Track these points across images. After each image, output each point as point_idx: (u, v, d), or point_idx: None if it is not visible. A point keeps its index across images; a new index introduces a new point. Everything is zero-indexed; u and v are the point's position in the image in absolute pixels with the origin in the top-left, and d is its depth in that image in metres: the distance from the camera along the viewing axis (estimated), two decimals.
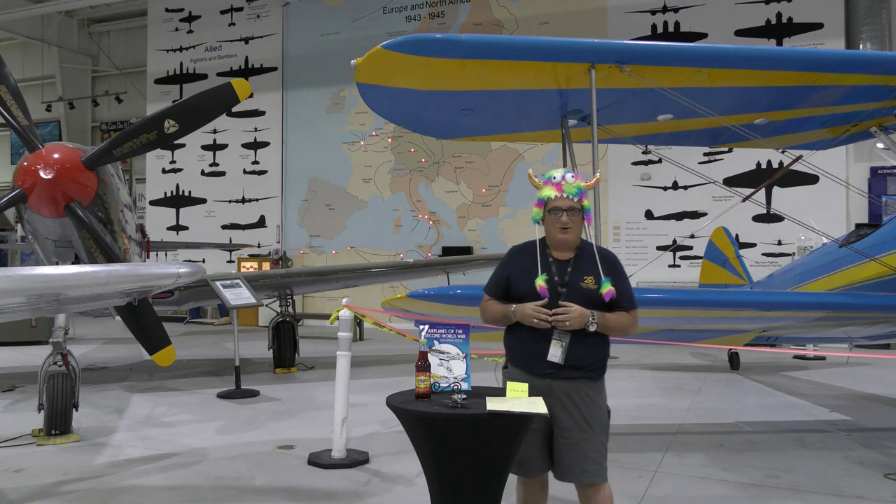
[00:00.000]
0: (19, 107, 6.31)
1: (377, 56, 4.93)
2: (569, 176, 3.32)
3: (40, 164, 6.19)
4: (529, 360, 3.29)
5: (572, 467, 3.26)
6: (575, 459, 3.24)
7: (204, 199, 18.20)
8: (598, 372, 3.31)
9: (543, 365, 3.23)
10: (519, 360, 3.36)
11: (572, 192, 3.28)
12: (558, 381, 3.23)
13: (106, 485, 4.55)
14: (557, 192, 3.30)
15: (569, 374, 3.23)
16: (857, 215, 12.16)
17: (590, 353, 3.27)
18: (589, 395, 3.27)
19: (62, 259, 6.82)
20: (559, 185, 3.30)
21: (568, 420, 3.21)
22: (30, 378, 8.39)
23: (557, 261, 3.34)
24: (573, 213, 3.28)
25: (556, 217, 3.30)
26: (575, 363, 3.22)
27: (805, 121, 6.33)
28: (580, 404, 3.24)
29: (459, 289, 5.26)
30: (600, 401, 3.32)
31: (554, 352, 3.21)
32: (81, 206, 6.36)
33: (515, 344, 3.38)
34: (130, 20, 20.37)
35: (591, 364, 3.28)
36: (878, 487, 4.79)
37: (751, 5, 13.46)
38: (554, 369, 3.22)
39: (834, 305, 5.52)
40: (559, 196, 3.29)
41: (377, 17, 16.27)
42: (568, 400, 3.22)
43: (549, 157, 13.80)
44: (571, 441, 3.24)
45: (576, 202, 3.28)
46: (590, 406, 3.26)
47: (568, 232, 3.29)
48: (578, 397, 3.25)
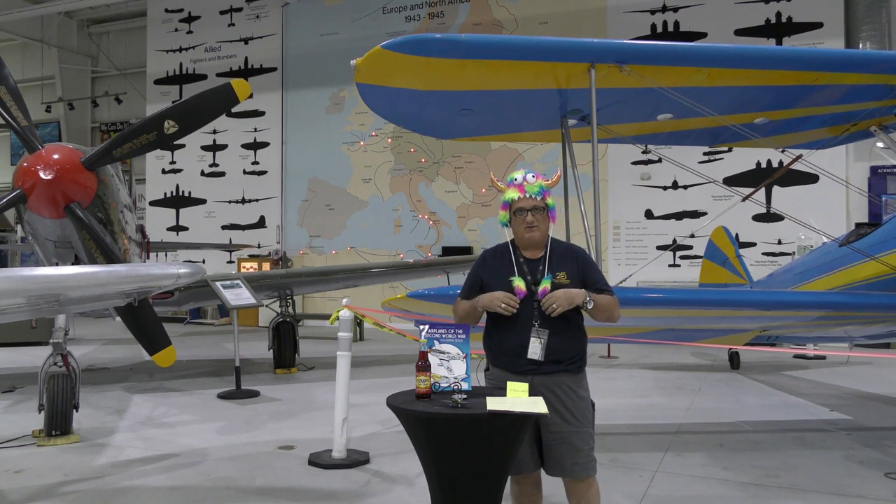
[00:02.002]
0: (19, 107, 6.31)
1: (377, 56, 4.93)
2: (529, 176, 3.38)
3: (40, 164, 6.19)
4: (509, 358, 3.33)
5: (563, 461, 3.29)
6: (565, 453, 3.28)
7: (204, 199, 18.21)
8: (577, 364, 3.36)
9: (524, 362, 3.28)
10: (499, 360, 3.40)
11: (534, 192, 3.34)
12: (539, 376, 3.27)
13: (106, 485, 4.55)
14: (520, 192, 3.36)
15: (549, 369, 3.28)
16: (857, 215, 12.16)
17: (568, 346, 3.32)
18: (571, 388, 3.31)
19: (62, 260, 6.82)
20: (521, 186, 3.36)
21: (553, 415, 3.23)
22: (30, 379, 8.39)
23: (528, 260, 3.40)
24: (537, 212, 3.35)
25: (522, 217, 3.36)
26: (555, 357, 3.27)
27: (805, 120, 6.33)
28: (563, 398, 3.29)
29: (459, 289, 5.25)
30: (583, 392, 3.37)
31: (534, 349, 3.26)
32: (81, 206, 6.36)
33: (494, 345, 3.42)
34: (130, 21, 20.38)
35: (571, 357, 3.33)
36: (879, 487, 4.79)
37: (750, 5, 13.47)
38: (535, 365, 3.27)
39: (834, 305, 5.52)
40: (522, 196, 3.36)
41: (377, 17, 16.28)
42: (551, 395, 3.26)
43: (549, 156, 13.81)
44: (560, 435, 3.28)
45: (539, 201, 3.35)
46: (573, 399, 3.31)
47: (534, 230, 3.35)
48: (561, 391, 3.29)
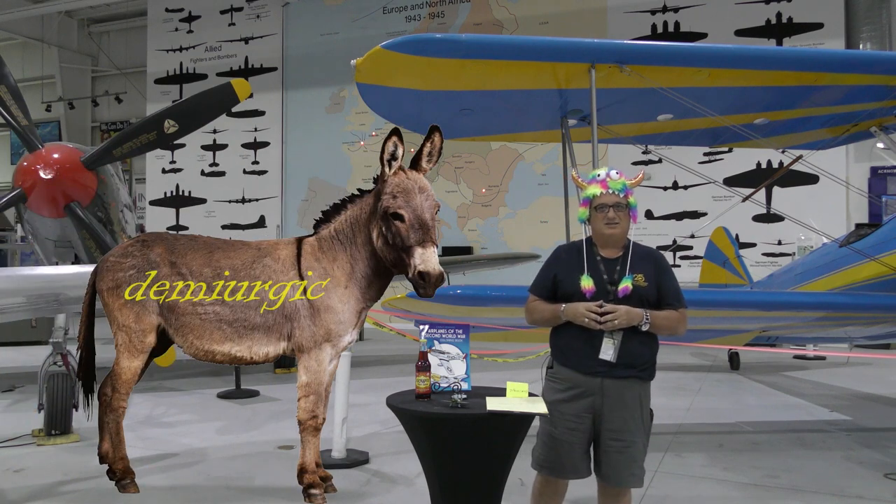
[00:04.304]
0: (19, 107, 6.32)
1: (377, 56, 4.93)
2: (613, 173, 3.27)
3: (40, 164, 6.20)
4: (580, 358, 3.20)
5: (621, 470, 3.18)
6: (625, 463, 3.17)
7: (204, 199, 18.20)
8: (648, 372, 3.25)
9: (595, 363, 3.16)
10: (569, 359, 3.26)
11: (617, 189, 3.23)
12: (610, 379, 3.16)
13: (106, 485, 4.54)
14: (603, 188, 3.24)
15: (621, 373, 3.16)
16: (857, 215, 12.16)
17: (642, 351, 3.20)
18: (639, 396, 3.21)
19: (62, 259, 6.83)
20: (604, 182, 3.25)
21: (619, 421, 3.15)
22: (30, 378, 8.38)
23: (605, 259, 3.27)
24: (619, 209, 3.22)
25: (603, 213, 3.23)
26: (627, 361, 3.16)
27: (805, 121, 6.33)
28: (631, 405, 3.18)
29: (459, 289, 5.26)
30: (647, 403, 3.26)
31: (606, 350, 3.14)
32: (81, 206, 6.37)
33: (565, 343, 3.28)
34: (130, 20, 20.37)
35: (644, 363, 3.21)
36: (878, 487, 4.79)
37: (751, 5, 13.47)
38: (606, 367, 3.15)
39: (834, 305, 5.52)
40: (605, 192, 3.24)
41: (377, 17, 16.28)
42: (619, 400, 3.16)
43: (549, 157, 13.81)
44: (622, 443, 3.17)
45: (622, 198, 3.23)
46: (640, 408, 3.21)
47: (615, 227, 3.22)
48: (630, 397, 3.19)
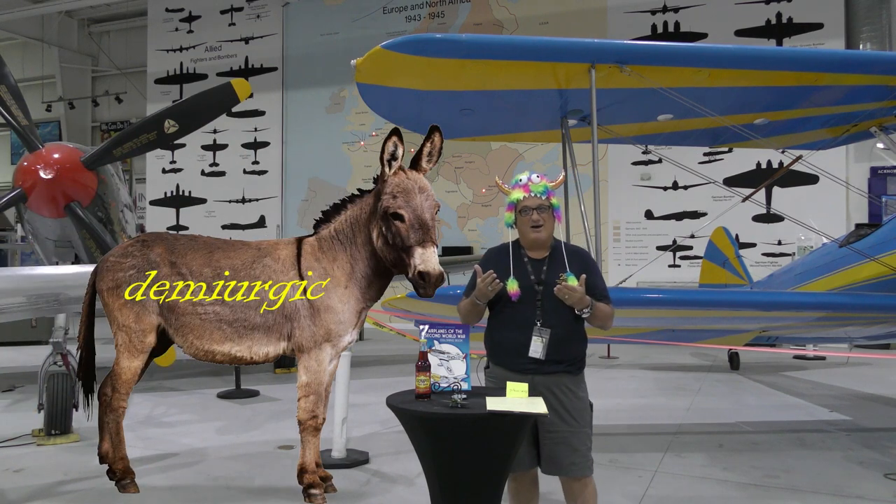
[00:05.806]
0: (19, 107, 6.33)
1: (377, 56, 4.93)
2: (534, 177, 3.39)
3: (40, 164, 6.20)
4: (510, 357, 3.35)
5: (560, 461, 3.32)
6: (563, 453, 3.30)
7: (204, 199, 18.21)
8: (577, 366, 3.39)
9: (524, 361, 3.29)
10: (500, 358, 3.42)
11: (539, 191, 3.36)
12: (540, 376, 3.29)
13: (106, 485, 4.54)
14: (525, 192, 3.37)
15: (550, 369, 3.29)
16: (857, 215, 12.16)
17: (570, 347, 3.34)
18: (570, 388, 3.33)
19: (62, 259, 6.83)
20: (526, 186, 3.38)
21: (552, 414, 3.25)
22: (30, 378, 8.39)
23: (533, 260, 3.40)
24: (543, 211, 3.35)
25: (527, 216, 3.36)
26: (556, 357, 3.29)
27: (805, 121, 6.32)
28: (563, 398, 3.31)
29: (459, 289, 5.24)
30: (581, 393, 3.38)
31: (535, 347, 3.27)
32: (81, 205, 6.37)
33: (495, 343, 3.44)
34: (130, 20, 20.38)
35: (572, 358, 3.36)
36: (878, 487, 4.79)
37: (751, 5, 13.47)
38: (535, 364, 3.28)
39: (834, 305, 5.52)
40: (528, 196, 3.37)
41: (377, 17, 16.28)
42: (550, 395, 3.28)
43: (549, 157, 13.81)
44: (558, 435, 3.30)
45: (544, 200, 3.36)
46: (572, 399, 3.33)
47: (540, 230, 3.35)
48: (560, 391, 3.31)
